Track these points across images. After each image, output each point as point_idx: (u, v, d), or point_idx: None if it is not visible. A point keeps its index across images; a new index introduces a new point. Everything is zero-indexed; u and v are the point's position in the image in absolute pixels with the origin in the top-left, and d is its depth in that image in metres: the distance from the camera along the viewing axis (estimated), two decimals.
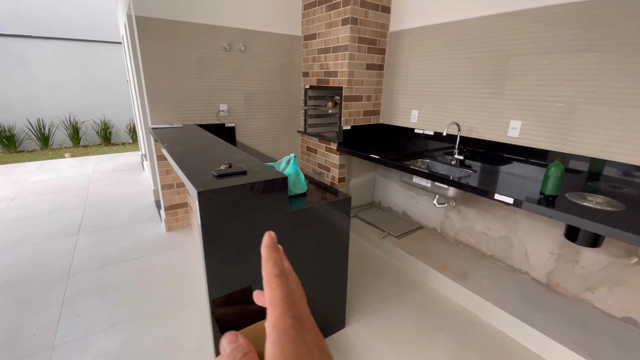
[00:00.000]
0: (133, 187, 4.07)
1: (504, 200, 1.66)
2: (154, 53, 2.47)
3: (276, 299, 0.22)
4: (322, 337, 0.23)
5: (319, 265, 1.61)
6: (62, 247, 2.63)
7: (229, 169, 1.37)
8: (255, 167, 1.44)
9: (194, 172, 1.34)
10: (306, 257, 1.55)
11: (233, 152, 1.78)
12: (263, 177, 1.29)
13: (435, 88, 2.50)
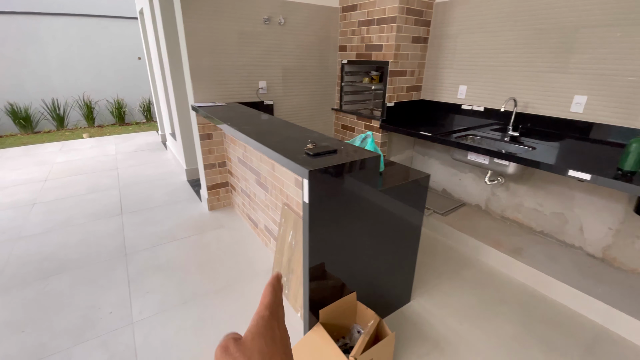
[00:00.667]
0: (161, 167, 4.05)
1: (579, 177, 1.66)
2: (197, 27, 2.37)
3: (265, 301, 0.31)
4: (288, 337, 0.31)
5: (395, 241, 1.63)
6: (110, 226, 2.65)
7: (319, 148, 1.34)
8: (341, 146, 1.42)
9: (287, 152, 1.32)
10: (388, 233, 1.56)
11: (303, 131, 1.75)
12: (360, 156, 1.27)
13: (489, 62, 2.42)
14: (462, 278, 2.11)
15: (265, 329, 0.29)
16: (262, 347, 0.28)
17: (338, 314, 1.49)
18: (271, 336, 0.29)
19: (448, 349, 1.59)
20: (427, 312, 1.82)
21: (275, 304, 0.31)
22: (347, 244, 1.40)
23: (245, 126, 1.80)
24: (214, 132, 2.71)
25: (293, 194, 1.80)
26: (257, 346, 0.28)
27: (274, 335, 0.29)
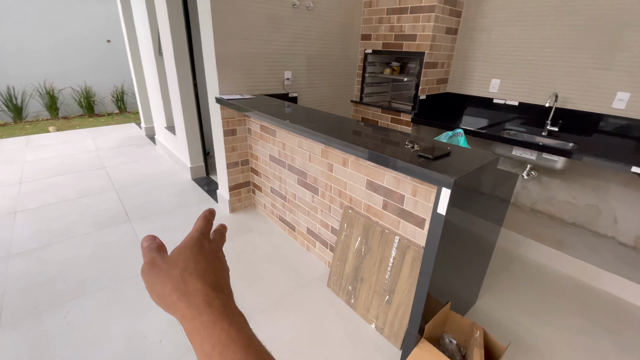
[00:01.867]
0: (157, 165, 3.66)
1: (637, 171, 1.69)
2: (225, 7, 2.09)
3: (197, 226, 0.34)
4: (223, 257, 0.34)
5: (480, 245, 1.57)
6: (122, 237, 2.32)
7: (430, 150, 1.22)
8: (447, 146, 1.30)
9: (400, 156, 1.17)
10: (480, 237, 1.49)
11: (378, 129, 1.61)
12: (488, 159, 1.16)
13: (527, 56, 2.41)
14: (513, 274, 2.12)
15: (192, 243, 0.31)
16: (187, 256, 0.30)
17: (436, 326, 1.40)
18: (199, 248, 0.31)
19: (530, 348, 1.58)
20: (496, 312, 1.80)
21: (206, 229, 0.34)
22: (457, 253, 1.30)
23: (312, 123, 1.61)
24: (238, 128, 2.46)
25: (362, 196, 1.66)
26: (182, 256, 0.30)
27: (202, 248, 0.31)
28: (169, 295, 0.27)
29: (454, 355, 1.39)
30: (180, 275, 0.28)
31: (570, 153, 1.95)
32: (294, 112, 1.92)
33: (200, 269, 0.29)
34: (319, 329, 1.64)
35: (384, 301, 1.59)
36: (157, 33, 3.33)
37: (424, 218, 1.37)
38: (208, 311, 0.26)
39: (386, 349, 1.55)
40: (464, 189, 1.08)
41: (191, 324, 0.26)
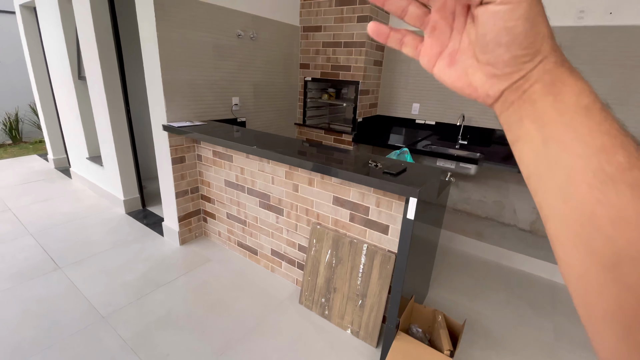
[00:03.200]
0: (79, 202, 3.21)
1: None
2: (172, 37, 2.08)
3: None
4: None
5: (432, 243, 1.86)
6: (54, 287, 2.00)
7: (391, 167, 1.44)
8: (392, 163, 1.55)
9: (368, 173, 1.37)
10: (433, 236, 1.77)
11: (336, 150, 1.79)
12: (435, 171, 1.44)
13: (439, 85, 2.95)
14: (450, 265, 2.51)
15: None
16: None
17: (406, 318, 1.61)
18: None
19: (474, 322, 1.91)
20: (445, 300, 2.11)
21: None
22: (417, 252, 1.54)
23: (276, 147, 1.72)
24: (187, 155, 2.39)
25: (329, 212, 1.81)
26: None
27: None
28: (549, 39, 0.21)
29: (423, 341, 1.61)
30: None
31: (478, 161, 2.45)
32: (256, 138, 2.00)
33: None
34: (301, 346, 1.69)
35: (358, 306, 1.74)
36: (77, 55, 3.02)
37: (388, 225, 1.59)
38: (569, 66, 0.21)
39: (365, 350, 1.69)
40: (422, 198, 1.32)
41: (568, 71, 0.21)
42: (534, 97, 0.21)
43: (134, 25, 2.20)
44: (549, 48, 0.21)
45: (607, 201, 0.18)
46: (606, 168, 0.18)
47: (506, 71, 0.22)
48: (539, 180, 0.22)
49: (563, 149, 0.20)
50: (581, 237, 0.19)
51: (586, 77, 0.38)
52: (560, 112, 0.20)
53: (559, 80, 0.21)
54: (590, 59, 2.30)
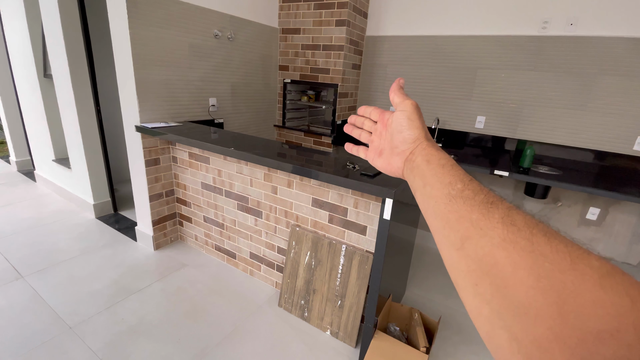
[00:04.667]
0: (43, 207, 3.04)
1: (500, 174, 2.35)
2: (146, 35, 2.02)
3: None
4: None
5: (409, 243, 1.90)
6: (17, 297, 1.88)
7: (368, 169, 1.47)
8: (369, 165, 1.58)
9: (348, 175, 1.38)
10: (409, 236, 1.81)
11: (315, 153, 1.80)
12: None
13: (414, 89, 3.04)
14: (425, 264, 2.57)
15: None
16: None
17: (384, 317, 1.63)
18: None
19: (449, 319, 1.97)
20: (421, 297, 2.16)
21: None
22: (394, 252, 1.57)
23: (256, 150, 1.70)
24: (161, 157, 2.32)
25: (308, 214, 1.81)
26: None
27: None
28: (423, 134, 0.38)
29: (400, 339, 1.64)
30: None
31: None
32: (234, 139, 1.97)
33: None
34: (279, 349, 1.68)
35: (337, 306, 1.75)
36: (43, 52, 2.87)
37: (366, 225, 1.61)
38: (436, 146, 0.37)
39: (344, 351, 1.70)
40: (398, 198, 1.35)
41: (434, 148, 0.36)
42: (418, 164, 0.36)
43: (105, 21, 2.12)
44: (423, 136, 0.38)
45: (453, 209, 0.29)
46: (451, 192, 0.30)
47: (403, 150, 0.39)
48: (425, 212, 0.33)
49: (432, 187, 0.33)
50: (445, 236, 0.29)
51: (549, 84, 2.54)
52: (430, 168, 0.34)
53: (429, 153, 0.36)
54: (552, 66, 2.44)
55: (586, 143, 2.46)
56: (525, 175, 2.27)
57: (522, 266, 0.22)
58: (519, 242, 0.23)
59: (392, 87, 0.42)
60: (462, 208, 0.28)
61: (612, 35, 2.22)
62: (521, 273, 0.21)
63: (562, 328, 0.18)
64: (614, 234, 2.47)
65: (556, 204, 2.64)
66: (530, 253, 0.22)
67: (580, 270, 0.19)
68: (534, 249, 0.22)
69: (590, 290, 0.18)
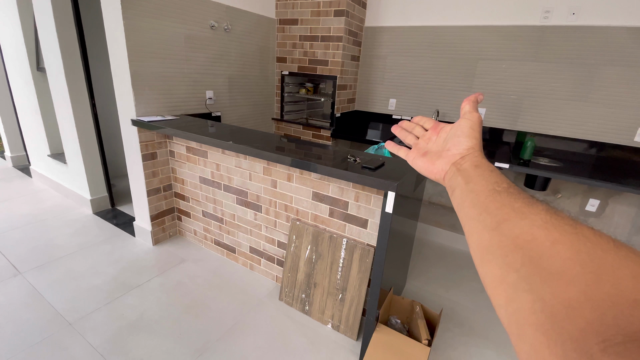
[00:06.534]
0: (40, 202, 3.01)
1: (501, 166, 2.33)
2: (140, 26, 1.97)
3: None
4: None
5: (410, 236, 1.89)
6: (15, 294, 1.86)
7: (370, 162, 1.45)
8: (370, 158, 1.56)
9: (349, 168, 1.36)
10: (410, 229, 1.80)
11: (314, 146, 1.78)
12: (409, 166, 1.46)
13: (414, 80, 3.00)
14: (426, 257, 2.57)
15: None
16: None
17: (385, 310, 1.63)
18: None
19: (450, 311, 1.97)
20: (422, 290, 2.16)
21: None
22: (395, 245, 1.56)
23: (253, 143, 1.67)
24: (158, 151, 2.29)
25: (308, 208, 1.79)
26: None
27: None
28: (479, 145, 0.39)
29: (402, 332, 1.64)
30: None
31: None
32: (232, 133, 1.94)
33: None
34: (281, 343, 1.68)
35: (338, 300, 1.75)
36: (36, 45, 2.81)
37: (367, 219, 1.60)
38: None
39: (345, 344, 1.70)
40: (400, 191, 1.34)
41: (485, 158, 0.37)
42: (465, 167, 0.37)
43: (98, 12, 2.07)
44: (478, 149, 0.39)
45: (495, 199, 0.29)
46: (496, 188, 0.31)
47: (453, 154, 0.40)
48: (461, 205, 0.34)
49: (475, 184, 0.33)
50: (480, 222, 0.29)
51: (550, 75, 2.47)
52: (477, 172, 0.35)
53: (479, 161, 0.37)
54: (554, 57, 2.41)
55: (587, 134, 2.45)
56: (525, 167, 2.26)
57: (562, 242, 0.21)
58: (562, 225, 0.22)
59: (470, 97, 0.43)
60: (505, 199, 0.28)
61: (614, 25, 2.19)
62: (560, 247, 0.21)
63: (597, 292, 0.18)
64: (614, 225, 2.48)
65: (556, 195, 2.64)
66: (572, 234, 0.22)
67: (623, 253, 0.19)
68: (576, 231, 0.22)
69: (630, 267, 0.18)
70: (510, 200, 0.28)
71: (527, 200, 0.27)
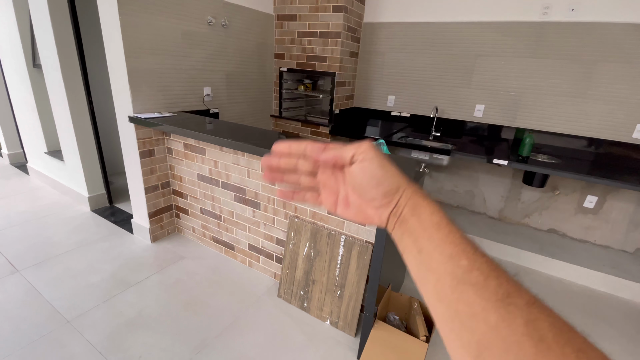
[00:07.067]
0: (38, 200, 2.99)
1: (499, 163, 2.33)
2: (136, 21, 1.95)
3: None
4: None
5: None
6: (12, 291, 1.86)
7: None
8: None
9: None
10: None
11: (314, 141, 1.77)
12: (412, 162, 1.45)
13: (413, 77, 2.99)
14: None
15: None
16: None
17: (383, 307, 1.63)
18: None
19: None
20: None
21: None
22: None
23: (251, 140, 1.67)
24: (156, 148, 2.28)
25: (307, 205, 1.79)
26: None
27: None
28: (401, 177, 0.31)
29: (400, 328, 1.65)
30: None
31: (451, 152, 2.51)
32: (230, 130, 1.93)
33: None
34: (280, 339, 1.68)
35: (336, 296, 1.75)
36: (31, 41, 2.78)
37: None
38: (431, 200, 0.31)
39: (343, 340, 1.70)
40: None
41: (421, 196, 0.30)
42: (406, 218, 0.30)
43: (94, 8, 2.04)
44: (405, 182, 0.31)
45: (463, 299, 0.24)
46: (457, 271, 0.25)
47: (384, 203, 0.31)
48: (422, 284, 0.28)
49: (430, 257, 0.27)
50: (454, 331, 0.24)
51: (549, 72, 2.44)
52: (423, 228, 0.29)
53: (417, 204, 0.30)
54: (553, 53, 2.40)
55: (585, 131, 2.45)
56: (524, 164, 2.26)
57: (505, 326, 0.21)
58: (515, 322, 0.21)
59: (327, 155, 0.32)
60: (474, 301, 0.23)
61: (614, 21, 2.19)
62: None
63: None
64: (611, 221, 2.49)
65: (554, 192, 2.64)
66: (522, 326, 0.21)
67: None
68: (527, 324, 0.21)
69: None
70: (480, 305, 0.23)
71: (500, 306, 0.23)
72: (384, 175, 0.31)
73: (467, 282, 0.24)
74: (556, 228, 2.73)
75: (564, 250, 2.49)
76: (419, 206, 0.30)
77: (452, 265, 0.25)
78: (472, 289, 0.24)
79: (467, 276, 0.24)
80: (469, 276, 0.24)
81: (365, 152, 0.31)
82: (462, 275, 0.24)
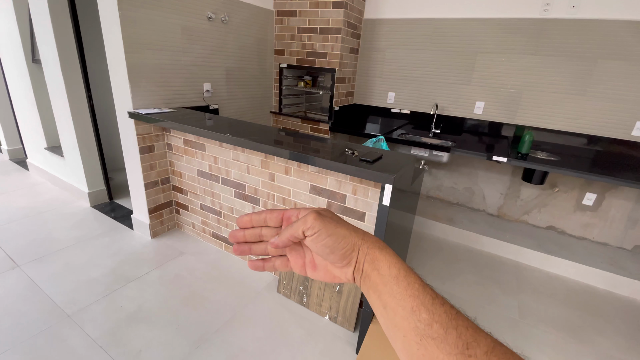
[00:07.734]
0: (38, 195, 3.00)
1: (499, 160, 2.34)
2: (136, 16, 1.94)
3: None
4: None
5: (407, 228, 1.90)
6: (12, 286, 1.86)
7: (368, 155, 1.45)
8: (377, 151, 1.56)
9: (347, 161, 1.36)
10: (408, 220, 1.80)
11: (312, 139, 1.77)
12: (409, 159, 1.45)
13: (413, 73, 2.98)
14: (423, 249, 2.59)
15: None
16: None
17: None
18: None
19: None
20: None
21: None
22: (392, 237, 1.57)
23: (251, 136, 1.67)
24: (155, 144, 2.28)
25: (306, 200, 1.80)
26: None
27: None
28: (354, 235, 0.32)
29: None
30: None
31: (450, 149, 2.51)
32: (229, 126, 1.93)
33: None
34: (279, 334, 1.69)
35: (335, 292, 1.76)
36: (31, 36, 2.77)
37: (364, 212, 1.61)
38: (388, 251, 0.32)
39: (342, 335, 1.72)
40: (397, 185, 1.34)
41: (376, 248, 0.31)
42: (367, 273, 0.31)
43: (94, 3, 2.04)
44: (360, 238, 0.32)
45: (427, 355, 0.25)
46: (419, 326, 0.26)
47: (345, 263, 0.32)
48: (392, 342, 0.28)
49: (394, 313, 0.28)
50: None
51: (549, 69, 2.43)
52: (383, 282, 0.29)
53: (375, 258, 0.31)
54: (553, 50, 2.40)
55: (585, 128, 2.45)
56: (523, 161, 2.27)
57: None
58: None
59: (282, 239, 0.34)
60: (437, 356, 0.25)
61: (614, 19, 2.18)
62: None
63: None
64: (610, 219, 2.50)
65: (553, 189, 2.65)
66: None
67: None
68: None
69: None
70: (437, 346, 0.25)
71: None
72: (335, 241, 0.32)
73: (429, 336, 0.25)
74: (555, 225, 2.74)
75: (562, 247, 2.50)
76: (377, 260, 0.31)
77: (414, 319, 0.26)
78: (434, 343, 0.25)
79: (429, 330, 0.25)
80: (430, 330, 0.25)
81: (312, 227, 0.32)
82: (424, 330, 0.26)
